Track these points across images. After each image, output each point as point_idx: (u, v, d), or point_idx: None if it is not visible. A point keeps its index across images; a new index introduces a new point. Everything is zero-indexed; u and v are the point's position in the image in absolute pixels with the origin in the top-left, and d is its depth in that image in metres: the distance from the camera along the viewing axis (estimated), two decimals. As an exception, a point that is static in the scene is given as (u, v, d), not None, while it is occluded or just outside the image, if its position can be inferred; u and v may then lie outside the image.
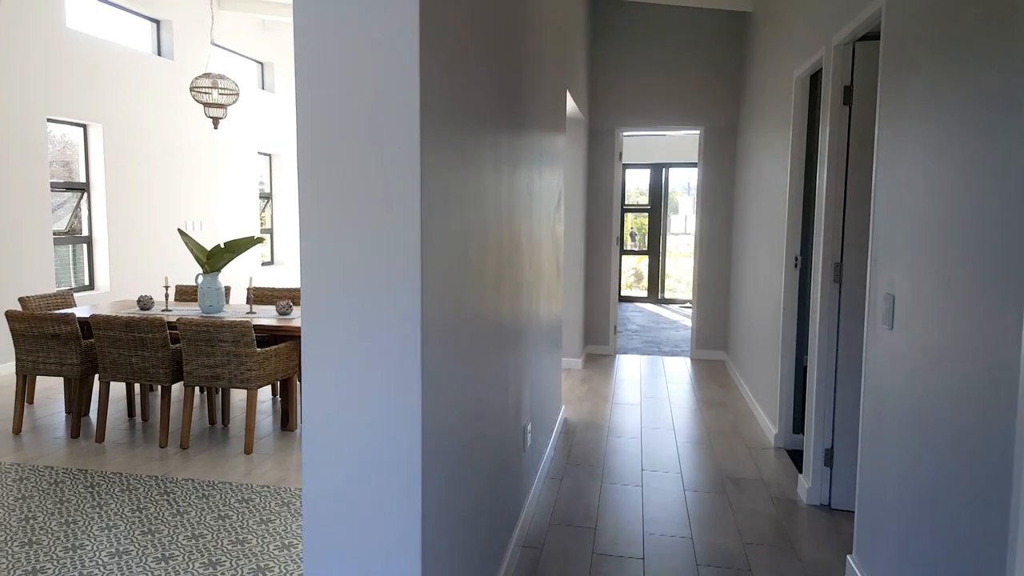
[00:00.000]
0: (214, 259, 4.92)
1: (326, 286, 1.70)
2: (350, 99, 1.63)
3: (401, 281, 1.65)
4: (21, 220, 6.23)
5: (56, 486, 3.65)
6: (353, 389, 1.71)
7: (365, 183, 1.65)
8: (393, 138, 1.63)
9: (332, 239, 1.68)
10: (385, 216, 1.65)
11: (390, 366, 1.69)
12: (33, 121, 6.31)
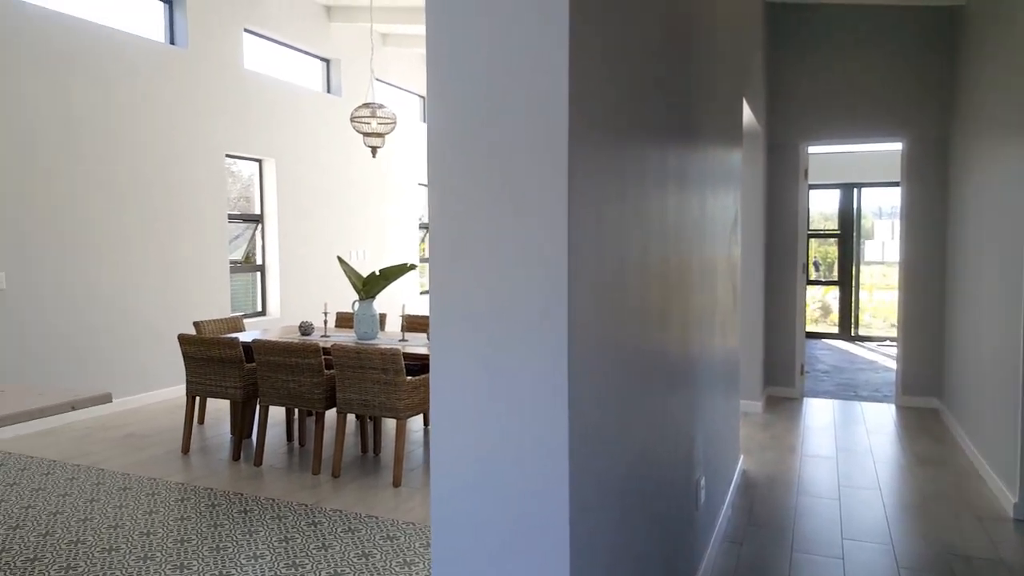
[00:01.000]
0: (369, 286, 5.01)
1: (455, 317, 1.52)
2: (484, 107, 1.45)
3: (544, 312, 1.44)
4: (202, 249, 6.81)
5: (213, 509, 3.78)
6: (487, 435, 1.50)
7: (499, 202, 1.46)
8: (534, 149, 1.43)
9: (463, 265, 1.50)
10: (523, 239, 1.44)
11: (531, 409, 1.46)
12: (214, 157, 6.92)
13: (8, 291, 5.16)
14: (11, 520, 3.61)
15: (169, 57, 6.40)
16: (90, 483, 4.16)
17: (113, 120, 5.90)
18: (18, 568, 3.10)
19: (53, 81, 5.43)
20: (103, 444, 4.96)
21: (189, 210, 6.66)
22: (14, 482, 4.17)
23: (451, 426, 1.54)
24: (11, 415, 2.34)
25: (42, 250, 5.39)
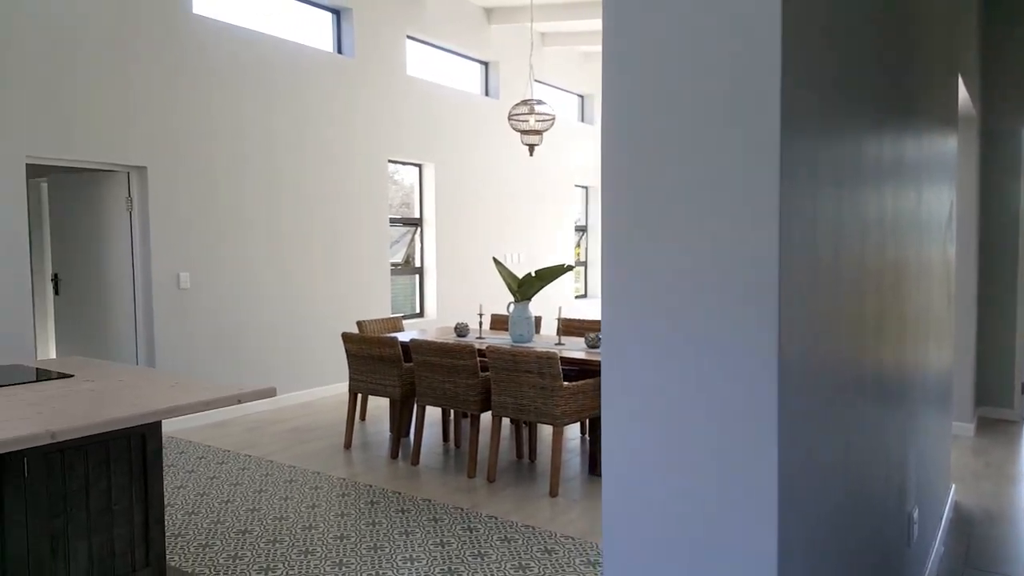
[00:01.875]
0: (525, 287, 4.90)
1: (633, 322, 1.30)
2: (673, 97, 1.23)
3: (750, 317, 1.20)
4: (365, 252, 7.05)
5: (372, 506, 3.79)
6: (674, 455, 1.27)
7: (693, 200, 1.24)
8: (737, 141, 1.20)
9: (646, 267, 1.29)
10: (726, 239, 1.22)
11: (731, 426, 1.22)
12: (377, 162, 7.14)
13: (190, 291, 5.56)
14: (188, 506, 3.81)
15: (337, 66, 6.68)
16: (259, 474, 4.34)
17: (283, 128, 6.24)
18: (191, 554, 3.24)
19: (227, 92, 5.81)
20: (271, 436, 5.20)
21: (353, 214, 6.92)
22: (193, 469, 4.44)
23: (627, 442, 1.33)
24: (182, 406, 2.40)
25: (220, 252, 5.77)
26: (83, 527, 2.46)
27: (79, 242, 5.59)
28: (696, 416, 1.27)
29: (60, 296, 5.75)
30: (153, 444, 2.67)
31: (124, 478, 2.57)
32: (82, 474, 2.46)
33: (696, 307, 1.26)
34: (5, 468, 2.24)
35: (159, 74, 5.29)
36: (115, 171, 5.29)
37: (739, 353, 1.22)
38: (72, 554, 2.43)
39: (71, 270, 5.66)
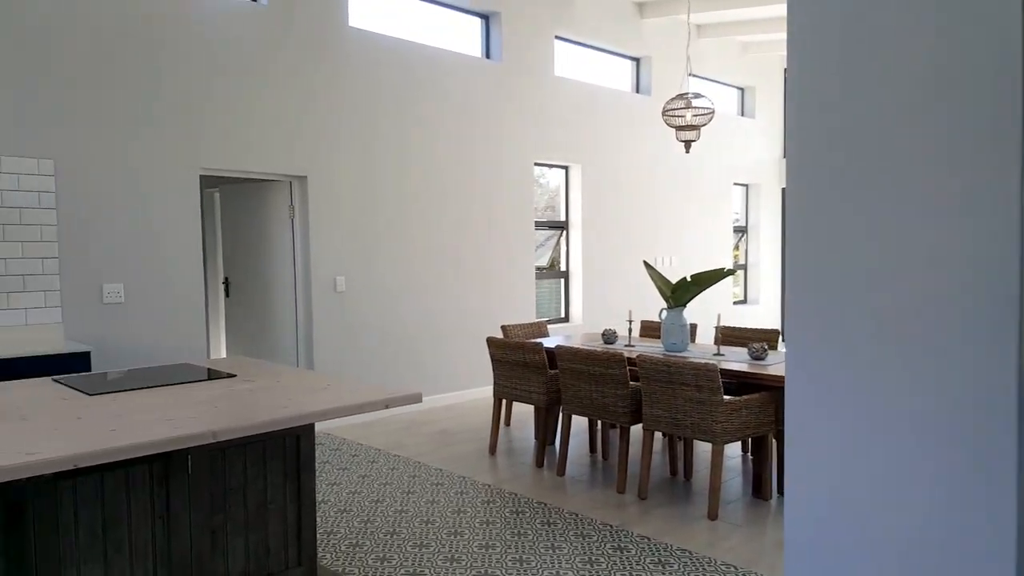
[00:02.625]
0: (679, 293, 4.64)
1: (827, 330, 1.09)
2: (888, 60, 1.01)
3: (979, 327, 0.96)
4: (509, 255, 7.05)
5: (517, 516, 3.71)
6: (876, 484, 1.05)
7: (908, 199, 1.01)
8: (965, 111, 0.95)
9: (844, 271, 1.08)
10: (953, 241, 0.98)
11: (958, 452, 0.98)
12: (523, 165, 7.12)
13: (346, 293, 5.79)
14: (340, 504, 3.92)
15: (485, 71, 6.73)
16: (407, 475, 4.40)
17: (431, 134, 6.35)
18: (341, 553, 3.30)
19: (379, 101, 5.99)
20: (420, 438, 5.28)
21: (499, 218, 6.93)
22: (346, 467, 4.58)
23: (820, 469, 1.12)
24: (332, 410, 2.42)
25: (374, 257, 5.96)
26: (240, 524, 2.54)
27: (247, 248, 5.99)
28: (915, 440, 1.04)
29: (230, 298, 6.19)
30: (306, 445, 2.72)
31: (279, 477, 2.64)
32: (240, 472, 2.54)
33: (915, 308, 1.03)
34: (172, 464, 2.36)
35: (318, 87, 5.55)
36: (279, 180, 5.61)
37: (970, 365, 0.98)
38: (230, 550, 2.51)
39: (240, 274, 6.07)
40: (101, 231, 4.56)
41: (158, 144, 4.78)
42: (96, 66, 4.50)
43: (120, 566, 2.26)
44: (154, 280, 4.78)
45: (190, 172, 4.94)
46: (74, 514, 2.17)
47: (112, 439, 2.00)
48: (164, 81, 4.78)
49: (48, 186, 4.36)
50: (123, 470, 2.27)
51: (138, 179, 4.70)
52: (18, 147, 4.24)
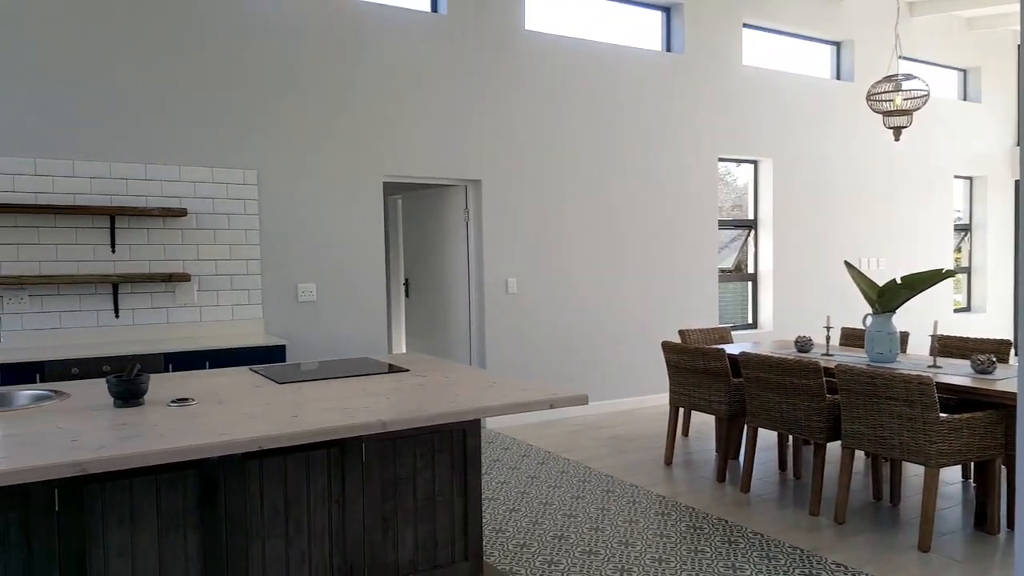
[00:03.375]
0: (887, 297, 4.20)
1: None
2: None
3: None
4: (691, 256, 6.79)
5: (694, 531, 3.53)
6: None
7: None
8: None
9: None
10: None
11: None
12: (706, 161, 6.84)
13: (517, 295, 5.87)
14: (510, 503, 3.95)
15: (665, 64, 6.55)
16: (577, 479, 4.35)
17: (607, 133, 6.28)
18: (509, 552, 3.32)
19: (554, 102, 6.01)
20: (591, 442, 5.22)
21: (679, 217, 6.71)
22: (516, 467, 4.63)
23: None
24: (495, 407, 2.43)
25: (546, 258, 6.00)
26: (410, 514, 2.63)
27: (425, 250, 6.28)
28: None
29: (410, 299, 6.51)
30: (472, 440, 2.77)
31: (446, 470, 2.70)
32: (410, 463, 2.63)
33: None
34: (347, 452, 2.49)
35: (494, 92, 5.70)
36: (455, 185, 5.82)
37: None
38: (400, 539, 2.60)
39: (419, 275, 6.38)
40: (296, 235, 4.97)
41: (346, 154, 5.14)
42: (293, 81, 4.93)
43: (300, 545, 2.41)
44: (342, 281, 5.14)
45: (374, 179, 5.26)
46: (260, 493, 2.34)
47: (293, 424, 2.14)
48: (350, 93, 5.14)
49: (252, 194, 4.83)
50: (303, 454, 2.42)
51: (329, 187, 5.08)
52: (228, 159, 4.74)
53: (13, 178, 4.13)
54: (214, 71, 4.68)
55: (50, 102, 4.23)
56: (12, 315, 4.15)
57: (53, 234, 4.24)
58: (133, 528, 2.14)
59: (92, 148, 4.34)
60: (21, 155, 4.16)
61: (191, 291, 4.63)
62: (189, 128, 4.62)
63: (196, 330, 4.64)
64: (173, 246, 4.58)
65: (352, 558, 2.50)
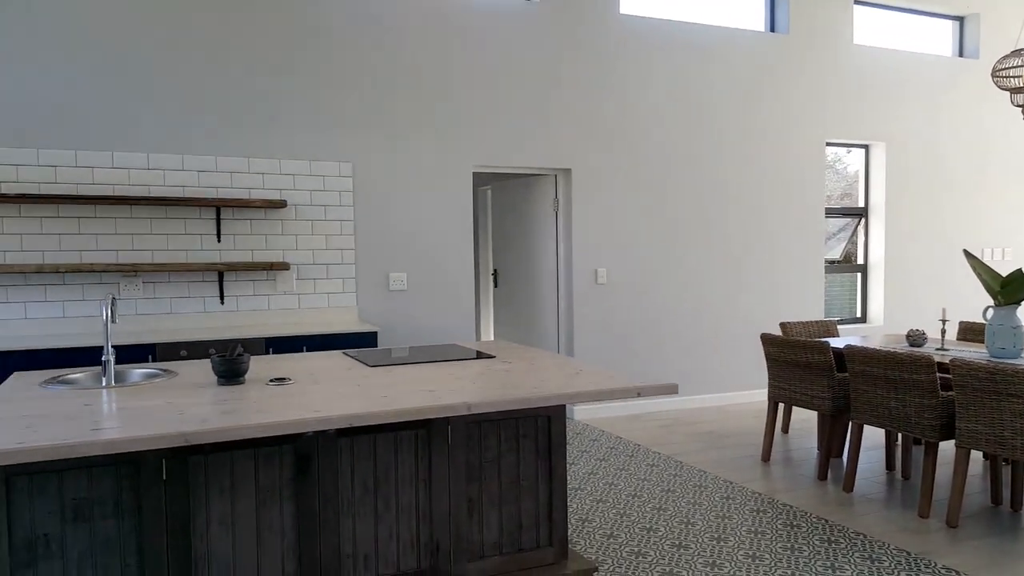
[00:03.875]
0: (1012, 288, 3.94)
1: None
2: None
3: None
4: (793, 246, 6.56)
5: (791, 529, 3.44)
6: None
7: None
8: None
9: None
10: None
11: None
12: (813, 146, 6.58)
13: (607, 286, 5.84)
14: (596, 494, 3.96)
15: (769, 45, 6.35)
16: (668, 473, 4.31)
17: (705, 119, 6.15)
18: (595, 542, 3.33)
19: (648, 88, 5.93)
20: (683, 437, 5.14)
21: (781, 205, 6.50)
22: (604, 458, 4.62)
23: None
24: (581, 393, 2.45)
25: (637, 248, 5.94)
26: (494, 496, 2.68)
27: (514, 240, 6.34)
28: None
29: (498, 289, 6.60)
30: (557, 427, 2.79)
31: (531, 455, 2.74)
32: (495, 447, 2.69)
33: None
34: (433, 433, 2.57)
35: (586, 79, 5.68)
36: (544, 174, 5.85)
37: None
38: (485, 520, 2.67)
39: (507, 265, 6.45)
40: (388, 226, 5.14)
41: (437, 145, 5.26)
42: (387, 75, 5.08)
43: (388, 521, 2.51)
44: (432, 270, 5.27)
45: (464, 170, 5.35)
46: (351, 470, 2.45)
47: (383, 404, 2.23)
48: (443, 85, 5.25)
49: (347, 186, 5.01)
50: (392, 433, 2.52)
51: (420, 178, 5.22)
52: (325, 152, 4.95)
53: (128, 172, 4.46)
54: (313, 68, 4.88)
55: (163, 101, 4.53)
56: (127, 300, 4.48)
57: (164, 224, 4.55)
58: (233, 498, 2.29)
59: (200, 143, 4.63)
60: (136, 150, 4.48)
61: (290, 279, 4.86)
62: (289, 123, 4.84)
63: (294, 316, 4.87)
64: (274, 236, 4.82)
65: (438, 536, 2.58)
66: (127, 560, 2.16)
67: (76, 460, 2.09)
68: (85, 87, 4.37)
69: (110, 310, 2.67)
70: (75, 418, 2.08)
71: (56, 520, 2.08)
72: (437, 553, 2.58)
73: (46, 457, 1.78)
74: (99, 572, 2.13)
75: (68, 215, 4.34)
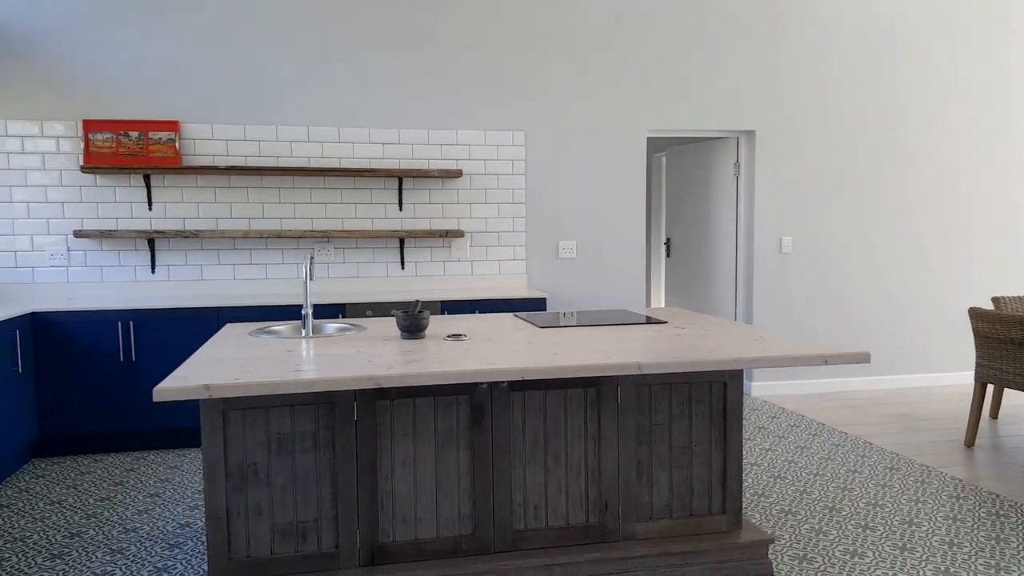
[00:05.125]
0: None
1: None
2: None
3: None
4: (1010, 212, 5.90)
5: (997, 519, 3.15)
6: None
7: None
8: None
9: None
10: None
11: None
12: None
13: (792, 255, 5.56)
14: (774, 470, 3.83)
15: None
16: (855, 454, 4.07)
17: (908, 68, 5.64)
18: (772, 516, 3.22)
19: (834, 42, 5.53)
20: (874, 419, 4.82)
21: (999, 165, 5.86)
22: (783, 436, 4.44)
23: None
24: (762, 358, 2.38)
25: (826, 217, 5.59)
26: (664, 459, 2.68)
27: (689, 209, 6.20)
28: None
29: (671, 258, 6.48)
30: (734, 394, 2.73)
31: (704, 421, 2.71)
32: (665, 410, 2.68)
33: None
34: (603, 393, 2.61)
35: (763, 35, 5.40)
36: (724, 138, 5.65)
37: None
38: (655, 482, 2.67)
39: (681, 235, 6.32)
40: (559, 194, 5.21)
41: (610, 111, 5.24)
42: (559, 42, 5.12)
43: (557, 475, 2.59)
44: (602, 239, 5.28)
45: (638, 136, 5.30)
46: (522, 423, 2.55)
47: (552, 360, 2.30)
48: (616, 49, 5.21)
49: (519, 155, 5.14)
50: (561, 391, 2.59)
51: (592, 146, 5.23)
52: (498, 122, 5.09)
53: (322, 145, 4.84)
54: (491, 40, 5.02)
55: (354, 79, 4.86)
56: (320, 264, 4.89)
57: (353, 194, 4.91)
58: (415, 441, 2.46)
59: (385, 117, 4.92)
60: (328, 125, 4.85)
61: (464, 247, 5.08)
62: (467, 94, 5.02)
63: (468, 282, 5.09)
64: (450, 205, 5.04)
65: (607, 495, 2.62)
66: (323, 491, 2.40)
67: (280, 398, 2.34)
68: (285, 69, 4.78)
69: (309, 268, 2.94)
70: (279, 361, 2.33)
71: (263, 451, 2.35)
72: (606, 511, 2.63)
73: (256, 392, 2.02)
74: (299, 499, 2.38)
75: (270, 185, 4.79)
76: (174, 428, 4.31)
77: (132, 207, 4.62)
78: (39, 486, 3.68)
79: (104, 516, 3.27)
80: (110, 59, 4.54)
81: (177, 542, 3.01)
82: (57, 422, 4.15)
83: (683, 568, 2.61)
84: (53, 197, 4.52)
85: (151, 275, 4.68)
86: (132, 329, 4.18)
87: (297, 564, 2.39)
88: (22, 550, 2.93)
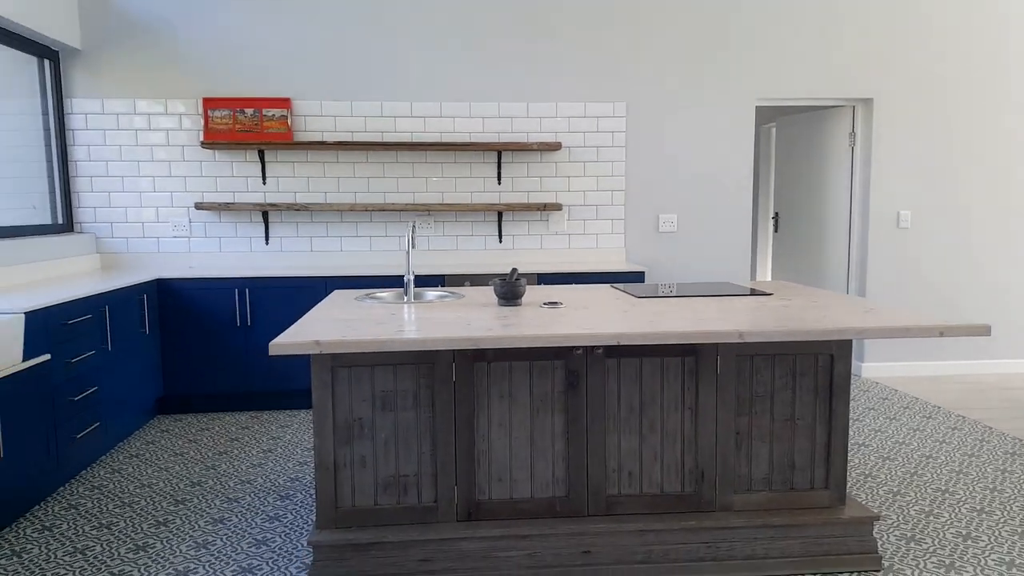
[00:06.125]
0: None
1: None
2: None
3: None
4: None
5: None
6: None
7: None
8: None
9: None
10: None
11: None
12: None
13: (911, 230, 5.29)
14: (883, 451, 3.69)
15: None
16: (972, 438, 3.87)
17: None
18: (879, 496, 3.11)
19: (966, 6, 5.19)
20: (994, 402, 4.56)
21: None
22: (894, 417, 4.27)
23: None
24: (873, 328, 2.31)
25: (950, 191, 5.29)
26: (765, 431, 2.65)
27: (799, 181, 5.99)
28: None
29: (778, 233, 6.29)
30: (841, 367, 2.66)
31: (808, 394, 2.66)
32: (767, 382, 2.64)
33: None
34: (701, 362, 2.60)
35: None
36: (839, 106, 5.42)
37: None
38: (754, 454, 2.65)
39: (790, 209, 6.12)
40: (660, 166, 5.15)
41: (716, 80, 5.12)
42: (662, 9, 5.04)
43: (652, 443, 2.61)
44: (705, 212, 5.19)
45: (745, 105, 5.16)
46: (617, 390, 2.58)
47: (649, 327, 2.31)
48: (723, 15, 5.07)
49: (620, 127, 5.10)
50: (658, 359, 2.59)
51: (696, 116, 5.14)
52: (599, 93, 5.07)
53: (424, 120, 4.97)
54: (591, 10, 5.00)
55: (455, 54, 4.95)
56: (421, 236, 5.04)
57: (453, 169, 5.02)
58: (511, 403, 2.53)
59: (485, 91, 5.00)
60: (430, 100, 4.97)
61: (562, 220, 5.11)
62: (568, 65, 5.03)
63: (565, 256, 5.12)
64: (548, 178, 5.08)
65: (704, 465, 2.62)
66: (423, 447, 2.51)
67: (384, 356, 2.46)
68: (390, 46, 4.92)
69: (411, 236, 3.06)
70: (384, 323, 2.45)
71: (368, 407, 2.48)
72: (702, 480, 2.62)
73: (362, 349, 2.13)
74: (401, 453, 2.51)
75: (375, 160, 4.97)
76: (286, 390, 4.57)
77: (248, 181, 4.90)
78: (164, 439, 4.00)
79: (221, 468, 3.53)
80: (227, 40, 4.81)
81: (288, 493, 3.21)
82: (180, 381, 4.48)
83: (782, 541, 2.58)
84: (176, 172, 4.85)
85: (265, 246, 4.95)
86: (248, 296, 4.45)
87: (399, 515, 2.51)
88: (149, 495, 3.20)
